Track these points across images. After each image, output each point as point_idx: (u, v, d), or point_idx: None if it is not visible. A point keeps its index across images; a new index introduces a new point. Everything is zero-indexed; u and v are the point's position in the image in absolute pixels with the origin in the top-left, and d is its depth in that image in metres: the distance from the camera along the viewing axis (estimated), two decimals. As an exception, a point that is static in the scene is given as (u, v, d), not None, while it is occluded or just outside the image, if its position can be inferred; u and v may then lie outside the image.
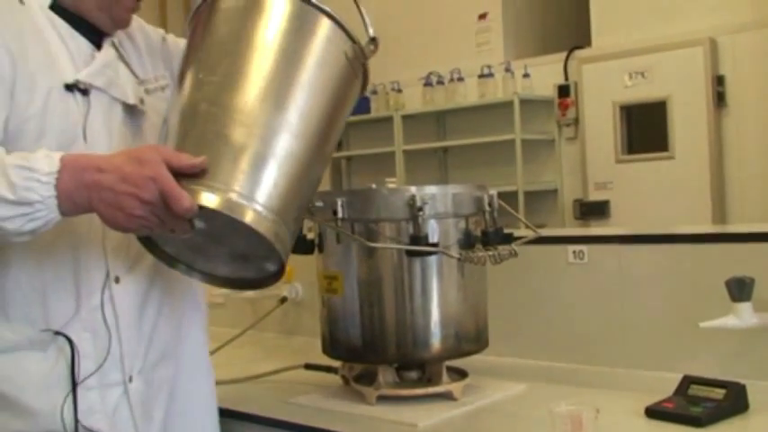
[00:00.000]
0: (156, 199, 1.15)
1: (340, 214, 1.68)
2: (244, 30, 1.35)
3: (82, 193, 1.18)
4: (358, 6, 1.44)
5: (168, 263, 1.32)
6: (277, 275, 1.28)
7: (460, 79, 5.51)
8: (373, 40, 1.41)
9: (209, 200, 1.16)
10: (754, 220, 4.41)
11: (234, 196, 1.17)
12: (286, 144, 1.26)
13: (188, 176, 1.17)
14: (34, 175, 1.16)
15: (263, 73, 1.31)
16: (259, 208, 1.18)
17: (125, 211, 1.16)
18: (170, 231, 1.19)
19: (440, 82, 5.57)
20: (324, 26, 1.37)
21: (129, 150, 1.24)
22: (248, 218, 1.16)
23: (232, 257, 1.31)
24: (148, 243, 1.29)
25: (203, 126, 1.25)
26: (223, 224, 1.19)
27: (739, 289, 1.64)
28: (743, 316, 1.64)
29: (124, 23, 1.47)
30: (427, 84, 5.54)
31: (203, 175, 1.18)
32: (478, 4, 5.64)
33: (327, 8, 1.37)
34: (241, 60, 1.32)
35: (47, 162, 1.18)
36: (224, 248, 1.28)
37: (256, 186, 1.20)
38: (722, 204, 4.64)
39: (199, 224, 1.20)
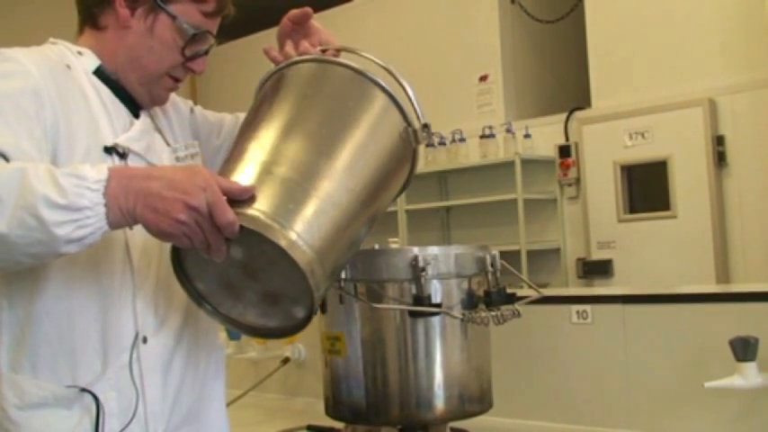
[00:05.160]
0: (203, 207, 1.15)
1: (343, 275, 1.68)
2: (308, 90, 1.43)
3: (129, 199, 1.18)
4: (409, 96, 1.47)
5: (196, 300, 1.32)
6: (302, 324, 1.27)
7: (462, 140, 5.56)
8: (426, 126, 1.45)
9: (252, 222, 1.17)
10: (757, 277, 4.41)
11: (276, 225, 1.18)
12: (335, 193, 1.28)
13: (236, 202, 1.19)
14: (83, 182, 1.17)
15: (318, 128, 1.36)
16: (299, 240, 1.19)
17: (170, 215, 1.16)
18: (206, 249, 1.19)
19: (441, 143, 5.62)
20: (381, 99, 1.43)
21: (181, 165, 1.25)
22: (285, 243, 1.17)
23: (261, 298, 1.31)
24: (182, 275, 1.29)
25: (257, 163, 1.28)
26: (260, 253, 1.20)
27: (744, 349, 1.63)
28: (748, 376, 1.63)
29: (161, 101, 1.53)
30: (429, 144, 5.58)
31: (251, 201, 1.20)
32: (479, 65, 5.72)
33: (386, 85, 1.43)
34: (300, 116, 1.38)
35: (95, 171, 1.19)
36: (256, 285, 1.28)
37: (301, 222, 1.21)
38: (725, 262, 4.63)
39: (235, 252, 1.21)
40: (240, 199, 1.19)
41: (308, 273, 1.18)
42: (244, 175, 1.25)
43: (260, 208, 1.19)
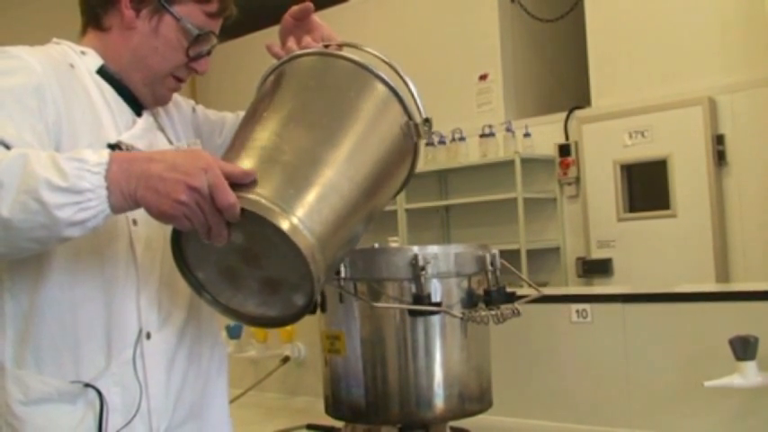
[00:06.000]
0: (204, 188, 1.16)
1: (343, 273, 1.68)
2: (310, 81, 1.45)
3: (130, 182, 1.19)
4: (411, 93, 1.48)
5: (196, 289, 1.32)
6: (302, 312, 1.28)
7: (462, 139, 5.56)
8: (427, 121, 1.45)
9: (253, 205, 1.18)
10: (756, 276, 4.41)
11: (277, 209, 1.19)
12: (336, 180, 1.29)
13: (237, 186, 1.19)
14: (84, 165, 1.18)
15: (320, 117, 1.38)
16: (300, 225, 1.20)
17: (170, 196, 1.17)
18: (207, 233, 1.19)
19: (441, 141, 5.61)
20: (382, 92, 1.43)
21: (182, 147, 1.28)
22: (287, 226, 1.18)
23: (261, 287, 1.31)
24: (182, 264, 1.30)
25: (258, 149, 1.29)
26: (261, 238, 1.21)
27: (743, 348, 1.63)
28: (747, 375, 1.63)
29: (164, 101, 1.54)
30: (429, 143, 5.59)
31: (252, 185, 1.21)
32: (479, 64, 5.72)
33: (388, 79, 1.43)
34: (301, 106, 1.40)
35: (96, 155, 1.20)
36: (256, 273, 1.29)
37: (302, 207, 1.22)
38: (725, 262, 4.63)
39: (236, 237, 1.21)
40: (242, 182, 1.20)
41: (309, 257, 1.19)
42: (245, 160, 1.26)
43: (261, 192, 1.20)
